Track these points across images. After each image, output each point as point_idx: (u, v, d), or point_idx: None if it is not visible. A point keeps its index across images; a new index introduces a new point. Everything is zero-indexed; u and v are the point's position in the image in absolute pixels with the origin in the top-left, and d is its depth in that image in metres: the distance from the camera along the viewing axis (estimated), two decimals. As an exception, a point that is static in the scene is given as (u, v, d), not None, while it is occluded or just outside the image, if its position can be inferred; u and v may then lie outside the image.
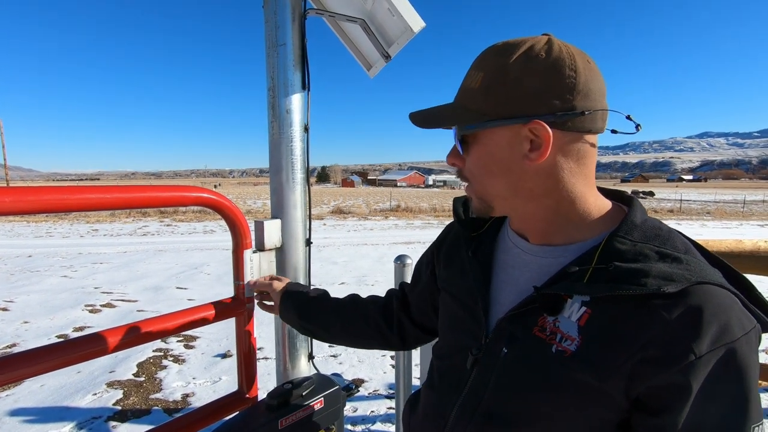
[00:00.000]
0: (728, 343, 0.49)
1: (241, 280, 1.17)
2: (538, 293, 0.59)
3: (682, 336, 0.49)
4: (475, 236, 0.76)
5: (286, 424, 1.01)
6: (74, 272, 6.81)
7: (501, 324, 0.64)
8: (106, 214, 16.72)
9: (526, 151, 0.59)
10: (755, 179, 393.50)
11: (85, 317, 4.53)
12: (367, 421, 2.62)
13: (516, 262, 0.68)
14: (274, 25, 1.18)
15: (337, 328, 1.00)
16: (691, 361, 0.49)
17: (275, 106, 1.21)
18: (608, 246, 0.58)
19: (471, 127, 0.62)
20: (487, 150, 0.62)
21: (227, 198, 1.10)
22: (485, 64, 0.61)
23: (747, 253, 2.36)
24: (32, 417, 2.62)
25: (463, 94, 0.64)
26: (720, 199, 36.70)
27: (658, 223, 0.60)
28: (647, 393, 0.52)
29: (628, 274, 0.53)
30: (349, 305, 1.01)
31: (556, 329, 0.58)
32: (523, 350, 0.60)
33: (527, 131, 0.58)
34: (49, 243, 10.08)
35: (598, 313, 0.55)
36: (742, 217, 20.36)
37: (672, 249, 0.56)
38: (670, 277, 0.51)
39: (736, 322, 0.50)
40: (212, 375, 3.24)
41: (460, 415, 0.66)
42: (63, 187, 0.83)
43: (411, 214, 19.75)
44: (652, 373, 0.51)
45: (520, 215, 0.66)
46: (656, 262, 0.54)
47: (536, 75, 0.57)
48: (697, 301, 0.50)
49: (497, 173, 0.62)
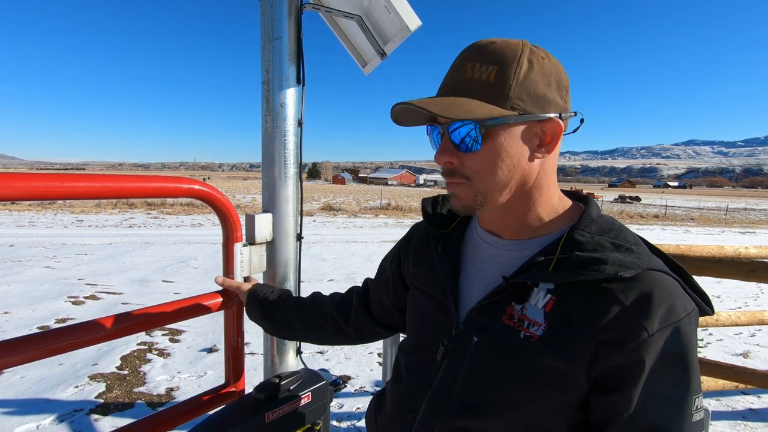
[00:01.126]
0: (674, 322, 0.55)
1: (231, 273, 1.16)
2: (507, 282, 0.63)
3: (636, 317, 0.55)
4: (443, 233, 0.79)
5: (273, 417, 1.01)
6: (57, 263, 6.69)
7: (471, 315, 0.66)
8: (91, 205, 16.42)
9: (535, 147, 0.62)
10: (738, 187, 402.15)
11: (68, 309, 4.46)
12: (353, 417, 2.62)
13: (485, 257, 0.71)
14: (271, 18, 1.18)
15: (297, 325, 1.03)
16: (644, 339, 0.54)
17: (269, 100, 1.20)
18: (570, 238, 0.63)
19: (497, 120, 0.59)
20: (502, 146, 0.61)
21: (218, 190, 1.10)
22: (496, 59, 0.60)
23: (728, 259, 2.42)
24: (11, 409, 2.57)
25: (470, 87, 0.60)
26: (704, 206, 37.45)
27: (611, 219, 0.66)
28: (605, 373, 0.57)
29: (589, 262, 0.58)
30: (309, 303, 1.04)
31: (524, 316, 0.62)
32: (492, 338, 0.63)
33: (540, 128, 0.62)
34: (32, 233, 9.87)
35: (562, 299, 0.60)
36: (724, 224, 20.81)
37: (624, 241, 0.62)
38: (624, 264, 0.57)
39: (680, 304, 0.56)
40: (197, 369, 3.21)
41: (430, 407, 0.68)
42: (52, 174, 0.82)
43: (401, 213, 19.77)
44: (611, 353, 0.55)
45: (502, 211, 0.67)
46: (612, 251, 0.59)
47: (546, 75, 0.61)
48: (648, 285, 0.56)
49: (505, 169, 0.62)
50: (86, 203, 16.71)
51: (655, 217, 23.00)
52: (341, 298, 1.03)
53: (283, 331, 1.06)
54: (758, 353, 3.86)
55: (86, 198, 0.87)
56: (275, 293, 1.09)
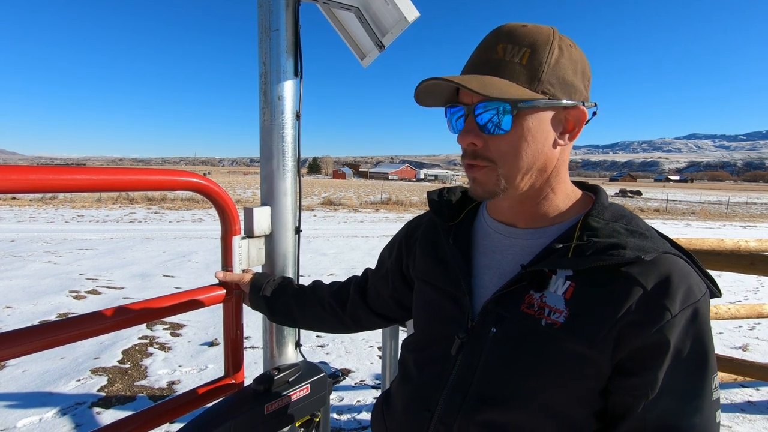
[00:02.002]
0: (693, 303, 0.56)
1: (229, 266, 1.16)
2: (526, 271, 0.62)
3: (659, 298, 0.56)
4: (452, 225, 0.78)
5: (272, 409, 1.01)
6: (59, 258, 6.71)
7: (487, 306, 0.65)
8: (92, 200, 16.44)
9: (559, 133, 0.63)
10: (740, 181, 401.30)
11: (69, 303, 4.48)
12: (353, 410, 2.64)
13: (497, 247, 0.70)
14: (268, 10, 1.17)
15: (297, 313, 1.05)
16: (668, 320, 0.55)
17: (267, 93, 1.20)
18: (585, 225, 0.63)
19: (529, 103, 0.58)
20: (529, 129, 0.60)
21: (217, 184, 1.10)
22: (528, 42, 0.59)
23: (728, 252, 2.42)
24: (14, 402, 2.59)
25: (501, 68, 0.59)
26: (705, 200, 37.37)
27: (621, 207, 0.67)
28: (629, 355, 0.57)
29: (608, 247, 0.59)
30: (309, 291, 1.06)
31: (544, 304, 0.61)
32: (512, 328, 0.63)
33: (565, 115, 0.62)
34: (33, 228, 9.88)
35: (581, 285, 0.60)
36: (725, 218, 20.78)
37: (637, 227, 0.62)
38: (643, 249, 0.58)
39: (696, 286, 0.57)
40: (199, 363, 3.23)
41: (448, 403, 0.66)
42: (49, 167, 0.82)
43: (402, 208, 19.77)
44: (635, 335, 0.56)
45: (522, 197, 0.66)
46: (627, 237, 0.60)
47: (574, 63, 0.61)
48: (666, 268, 0.57)
49: (530, 153, 0.61)
50: (87, 198, 16.74)
51: (656, 211, 22.98)
52: (339, 286, 1.04)
53: (283, 319, 1.08)
54: (757, 346, 3.87)
55: (83, 191, 0.87)
56: (276, 282, 1.10)
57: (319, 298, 1.03)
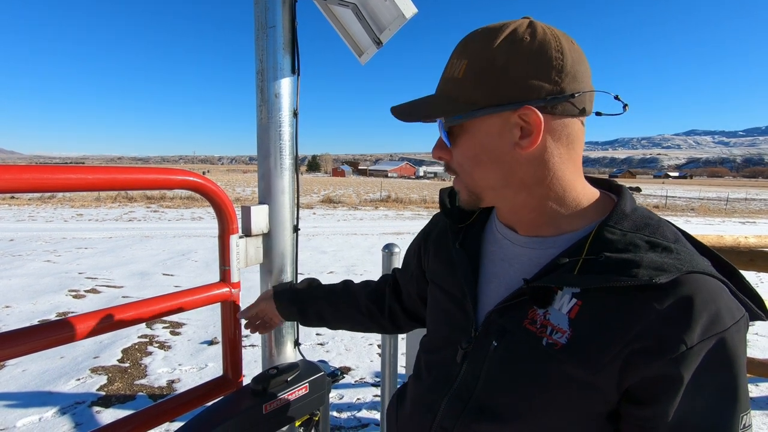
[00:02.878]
0: (719, 333, 0.49)
1: (227, 265, 1.16)
2: (528, 286, 0.58)
3: (674, 326, 0.49)
4: (462, 228, 0.75)
5: (271, 408, 1.01)
6: (58, 257, 6.70)
7: (490, 317, 0.63)
8: (91, 199, 16.41)
9: (516, 139, 0.57)
10: (739, 177, 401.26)
11: (69, 302, 4.47)
12: (353, 408, 2.64)
13: (505, 255, 0.67)
14: (264, 7, 1.16)
15: (330, 317, 1.02)
16: (683, 352, 0.48)
17: (264, 90, 1.19)
18: (598, 236, 0.57)
19: (458, 117, 0.59)
20: (476, 140, 0.60)
21: (213, 182, 1.09)
22: (468, 52, 0.58)
23: (727, 248, 2.42)
24: (14, 402, 2.59)
25: (446, 85, 0.61)
26: (704, 196, 37.38)
27: (647, 213, 0.60)
28: (638, 384, 0.52)
29: (620, 264, 0.53)
30: (342, 295, 1.02)
31: (547, 322, 0.57)
32: (513, 343, 0.60)
33: (517, 118, 0.56)
34: (32, 227, 9.87)
35: (588, 304, 0.55)
36: (725, 214, 20.80)
37: (662, 238, 0.55)
38: (661, 267, 0.51)
39: (726, 311, 0.50)
40: (198, 362, 3.23)
41: (450, 408, 0.65)
42: (44, 166, 0.81)
43: (401, 205, 19.76)
44: (644, 364, 0.50)
45: (510, 206, 0.64)
46: (647, 251, 0.53)
47: (523, 59, 0.55)
48: (688, 290, 0.50)
49: (487, 163, 0.60)
50: (86, 197, 16.71)
51: (655, 207, 22.99)
52: (374, 289, 1.01)
53: (316, 324, 1.05)
54: (757, 342, 3.88)
55: (79, 190, 0.86)
56: (303, 289, 1.06)
57: (356, 303, 1.00)
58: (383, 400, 1.86)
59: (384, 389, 1.84)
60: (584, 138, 0.61)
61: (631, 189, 30.06)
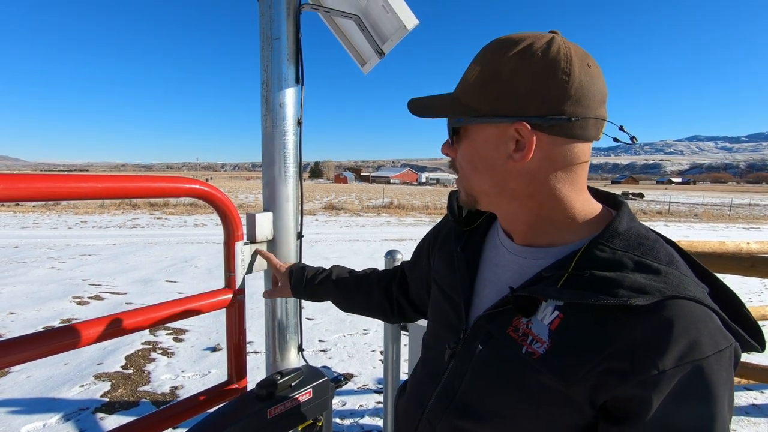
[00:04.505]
0: (696, 360, 0.48)
1: (232, 271, 1.17)
2: (513, 294, 0.59)
3: (647, 350, 0.49)
4: (467, 231, 0.77)
5: (275, 413, 1.02)
6: (62, 264, 6.73)
7: (479, 321, 0.65)
8: (94, 206, 16.50)
9: (510, 151, 0.58)
10: (742, 183, 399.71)
11: (72, 309, 4.49)
12: (356, 414, 2.64)
13: (500, 261, 0.69)
14: (269, 19, 1.19)
15: (341, 303, 1.10)
16: (653, 375, 0.48)
17: (269, 100, 1.21)
18: (588, 252, 0.57)
19: (460, 120, 0.62)
20: (474, 145, 0.62)
21: (219, 189, 1.11)
22: (483, 59, 0.61)
23: (729, 254, 2.42)
24: (18, 408, 2.60)
25: (460, 86, 0.64)
26: (707, 202, 37.24)
27: (644, 231, 0.59)
28: (611, 402, 0.52)
29: (601, 282, 0.53)
30: (355, 292, 1.07)
31: (528, 331, 0.58)
32: (496, 349, 0.62)
33: (513, 131, 0.58)
34: (36, 234, 9.93)
35: (569, 318, 0.55)
36: (728, 219, 20.71)
37: (653, 259, 0.54)
38: (642, 289, 0.50)
39: (708, 340, 0.49)
40: (201, 368, 3.24)
41: (436, 404, 0.68)
42: (55, 175, 0.83)
43: (403, 212, 19.77)
44: (615, 384, 0.50)
45: (504, 214, 0.67)
46: (632, 272, 0.53)
47: (528, 75, 0.56)
48: (668, 315, 0.49)
49: (482, 169, 0.63)
50: (90, 204, 16.80)
51: (658, 213, 22.92)
52: (385, 285, 1.05)
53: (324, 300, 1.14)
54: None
55: (89, 198, 0.88)
56: (318, 279, 1.11)
57: (367, 300, 1.05)
58: (386, 407, 1.86)
59: (387, 396, 1.84)
60: (588, 159, 0.61)
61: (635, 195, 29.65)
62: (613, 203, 0.66)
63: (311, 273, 1.12)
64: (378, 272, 1.10)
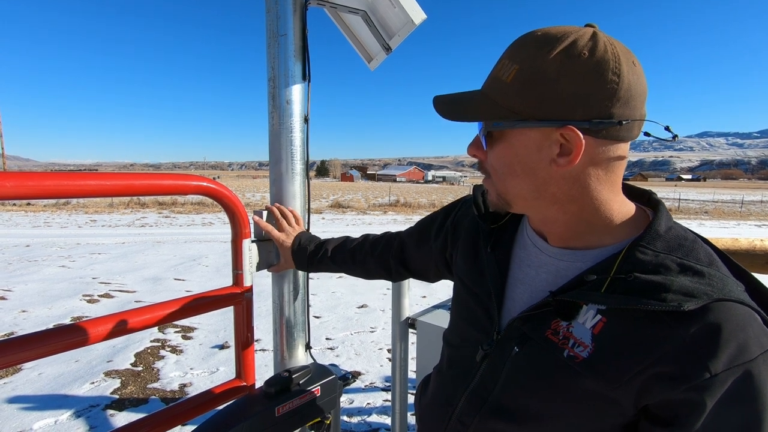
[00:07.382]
0: (745, 363, 0.48)
1: (239, 269, 1.17)
2: (553, 298, 0.58)
3: (699, 354, 0.48)
4: (494, 228, 0.74)
5: (283, 411, 1.02)
6: (72, 262, 6.81)
7: (514, 323, 0.63)
8: (104, 205, 16.69)
9: (554, 156, 0.56)
10: (754, 179, 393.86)
11: (83, 307, 4.54)
12: (364, 412, 2.64)
13: (533, 261, 0.66)
14: (276, 16, 1.18)
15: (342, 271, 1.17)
16: (706, 379, 0.48)
17: (275, 97, 1.21)
18: (629, 255, 0.56)
19: (499, 124, 0.58)
20: (513, 150, 0.58)
21: (227, 187, 1.11)
22: (521, 57, 0.56)
23: (743, 252, 2.37)
24: (30, 405, 2.63)
25: (493, 85, 0.59)
26: (718, 199, 36.73)
27: (683, 232, 0.58)
28: (659, 405, 0.51)
29: (648, 287, 0.52)
30: (350, 262, 1.13)
31: (569, 334, 0.57)
32: (534, 351, 0.60)
33: (558, 135, 0.55)
34: (47, 233, 10.06)
35: (613, 322, 0.54)
36: (740, 217, 20.41)
37: (695, 261, 0.54)
38: (690, 293, 0.50)
39: (755, 341, 0.49)
40: (210, 365, 3.26)
41: (468, 404, 0.67)
42: (63, 173, 0.83)
43: (410, 210, 19.75)
44: (664, 388, 0.50)
45: (541, 217, 0.64)
46: (677, 275, 0.52)
47: (576, 77, 0.52)
48: (717, 318, 0.49)
49: (521, 174, 0.59)
50: (99, 203, 16.99)
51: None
52: (381, 254, 1.08)
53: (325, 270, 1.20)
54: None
55: (98, 196, 0.88)
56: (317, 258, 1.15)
57: (363, 266, 1.11)
58: (394, 405, 1.86)
59: (394, 394, 1.84)
60: (626, 159, 0.60)
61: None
62: (647, 201, 0.65)
63: (311, 250, 1.16)
64: (370, 240, 1.12)
